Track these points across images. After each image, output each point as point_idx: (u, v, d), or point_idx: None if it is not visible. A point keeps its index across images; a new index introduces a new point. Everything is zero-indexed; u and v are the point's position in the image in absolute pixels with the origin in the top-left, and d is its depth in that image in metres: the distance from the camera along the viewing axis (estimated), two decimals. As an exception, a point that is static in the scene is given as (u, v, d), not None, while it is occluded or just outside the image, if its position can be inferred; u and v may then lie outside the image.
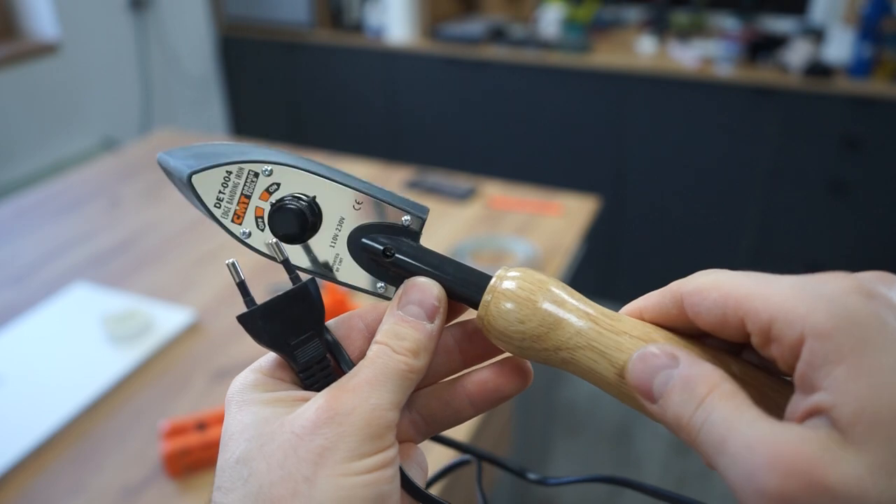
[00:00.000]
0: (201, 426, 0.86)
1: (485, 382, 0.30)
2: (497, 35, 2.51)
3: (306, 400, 0.27)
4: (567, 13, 2.53)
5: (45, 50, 2.28)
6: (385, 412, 0.26)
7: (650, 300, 0.28)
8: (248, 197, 0.30)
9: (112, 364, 1.01)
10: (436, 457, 0.85)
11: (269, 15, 2.81)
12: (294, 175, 0.30)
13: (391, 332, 0.28)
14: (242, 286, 0.29)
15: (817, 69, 2.05)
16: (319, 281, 0.30)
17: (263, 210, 0.30)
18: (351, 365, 0.29)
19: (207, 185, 0.29)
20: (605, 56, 2.33)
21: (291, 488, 0.24)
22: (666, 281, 0.28)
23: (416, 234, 0.31)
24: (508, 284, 0.28)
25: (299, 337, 0.29)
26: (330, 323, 0.30)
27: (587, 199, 1.54)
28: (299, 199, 0.30)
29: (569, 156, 2.47)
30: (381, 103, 2.73)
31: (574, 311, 0.28)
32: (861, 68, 2.04)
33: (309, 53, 2.78)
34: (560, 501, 1.84)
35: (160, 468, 0.85)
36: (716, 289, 0.24)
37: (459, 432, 0.90)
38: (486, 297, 0.29)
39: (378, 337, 0.28)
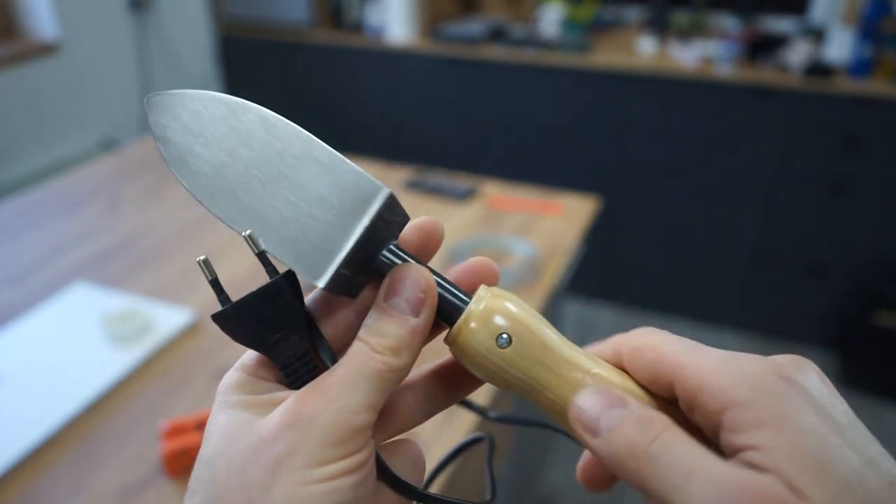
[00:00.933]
0: (201, 426, 0.86)
1: (449, 378, 0.31)
2: (497, 35, 2.51)
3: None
4: (567, 13, 2.53)
5: (45, 50, 2.28)
6: (353, 415, 0.25)
7: (604, 351, 0.29)
8: None
9: (112, 364, 1.01)
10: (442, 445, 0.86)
11: (269, 15, 2.81)
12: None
13: (373, 327, 0.27)
14: (215, 284, 0.28)
15: (817, 69, 2.05)
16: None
17: None
18: (333, 359, 0.27)
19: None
20: (605, 56, 2.33)
21: (247, 497, 0.23)
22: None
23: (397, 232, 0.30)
24: (486, 308, 0.27)
25: (276, 334, 0.27)
26: (312, 296, 0.29)
27: (587, 199, 1.54)
28: None
29: (569, 156, 2.47)
30: (381, 103, 2.73)
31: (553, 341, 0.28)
32: (861, 68, 2.04)
33: (309, 53, 2.78)
34: (560, 501, 1.84)
35: (160, 468, 0.85)
36: (651, 350, 0.26)
37: (460, 431, 0.90)
38: (463, 316, 0.27)
39: (360, 332, 0.27)
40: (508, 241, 1.34)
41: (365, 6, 2.70)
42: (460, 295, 0.28)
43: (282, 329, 0.27)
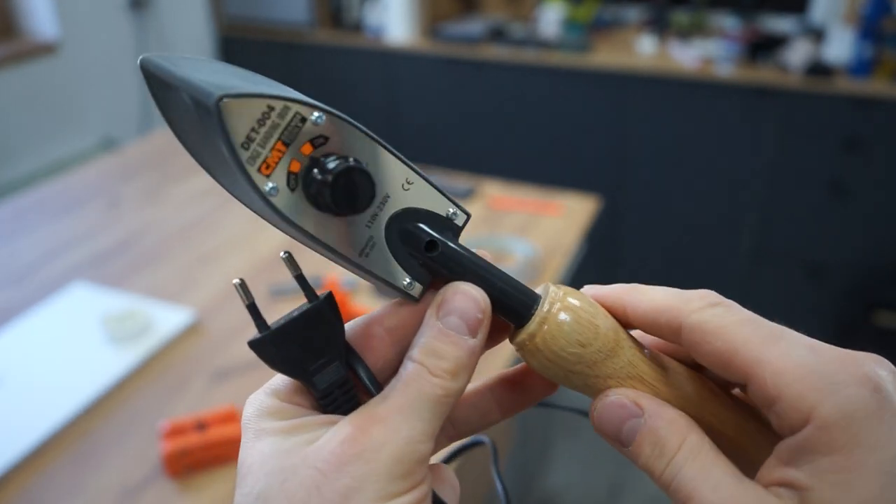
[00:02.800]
0: (201, 426, 0.86)
1: (513, 386, 0.30)
2: (497, 35, 2.50)
3: (330, 423, 0.25)
4: (567, 13, 2.53)
5: (45, 50, 2.28)
6: (418, 445, 0.24)
7: (641, 306, 0.26)
8: (287, 145, 0.23)
9: (112, 364, 1.01)
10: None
11: (269, 15, 2.81)
12: (348, 132, 0.24)
13: (429, 348, 0.25)
14: (253, 308, 0.26)
15: (817, 69, 2.05)
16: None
17: (300, 165, 0.23)
18: (378, 387, 0.26)
19: (239, 116, 0.22)
20: (605, 56, 2.33)
21: None
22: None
23: (458, 231, 0.27)
24: (573, 301, 0.26)
25: (318, 361, 0.25)
26: (351, 326, 0.27)
27: (587, 199, 1.53)
28: (351, 161, 0.24)
29: (569, 156, 2.47)
30: (381, 103, 2.73)
31: (626, 340, 0.26)
32: (861, 68, 2.04)
33: (309, 53, 2.78)
34: (560, 501, 1.84)
35: (160, 468, 0.85)
36: (721, 339, 0.24)
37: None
38: (545, 309, 0.26)
39: (413, 353, 0.25)
40: (508, 241, 1.34)
41: (365, 6, 2.70)
42: (528, 292, 0.27)
43: (323, 356, 0.26)
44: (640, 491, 1.82)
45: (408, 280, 0.27)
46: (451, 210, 0.27)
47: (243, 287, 0.26)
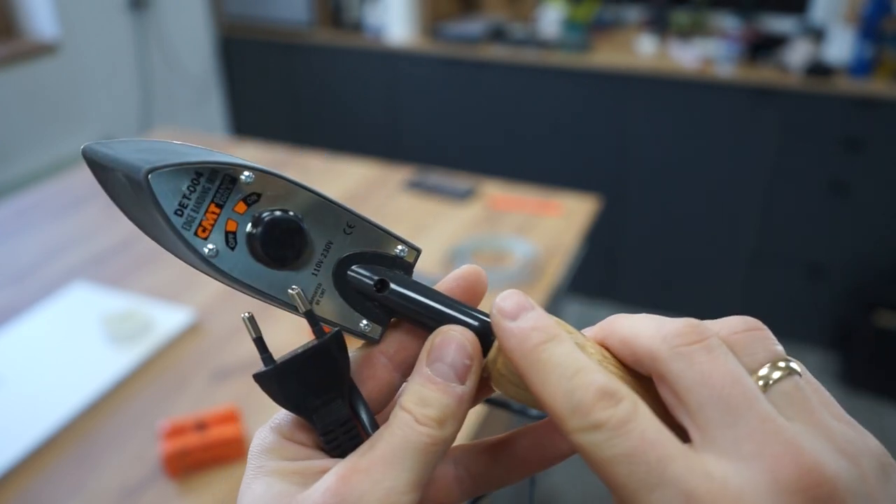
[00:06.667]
0: (201, 426, 0.86)
1: (541, 440, 0.28)
2: (497, 35, 2.50)
3: (324, 471, 0.24)
4: (567, 13, 2.53)
5: (45, 49, 2.28)
6: (400, 496, 0.23)
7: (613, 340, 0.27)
8: (220, 206, 0.24)
9: (112, 364, 1.01)
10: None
11: (269, 14, 2.81)
12: (279, 186, 0.25)
13: (416, 395, 0.25)
14: (259, 342, 0.26)
15: (818, 69, 2.05)
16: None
17: (237, 224, 0.25)
18: (374, 426, 0.26)
19: (168, 186, 0.23)
20: (605, 56, 2.33)
21: None
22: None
23: (409, 268, 0.28)
24: None
25: (321, 398, 0.26)
26: (352, 355, 0.27)
27: (587, 199, 1.53)
28: (288, 214, 0.25)
29: (569, 156, 2.47)
30: (381, 103, 2.73)
31: (594, 352, 0.26)
32: (862, 68, 2.04)
33: (309, 53, 2.78)
34: (560, 501, 1.84)
35: (160, 468, 0.85)
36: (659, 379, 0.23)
37: (460, 437, 0.89)
38: (496, 348, 0.26)
39: (401, 400, 0.25)
40: (508, 241, 1.34)
41: (364, 6, 2.70)
42: (487, 321, 0.26)
43: (326, 393, 0.26)
44: (640, 491, 1.82)
45: (364, 323, 0.27)
46: (400, 248, 0.27)
47: (252, 321, 0.26)
